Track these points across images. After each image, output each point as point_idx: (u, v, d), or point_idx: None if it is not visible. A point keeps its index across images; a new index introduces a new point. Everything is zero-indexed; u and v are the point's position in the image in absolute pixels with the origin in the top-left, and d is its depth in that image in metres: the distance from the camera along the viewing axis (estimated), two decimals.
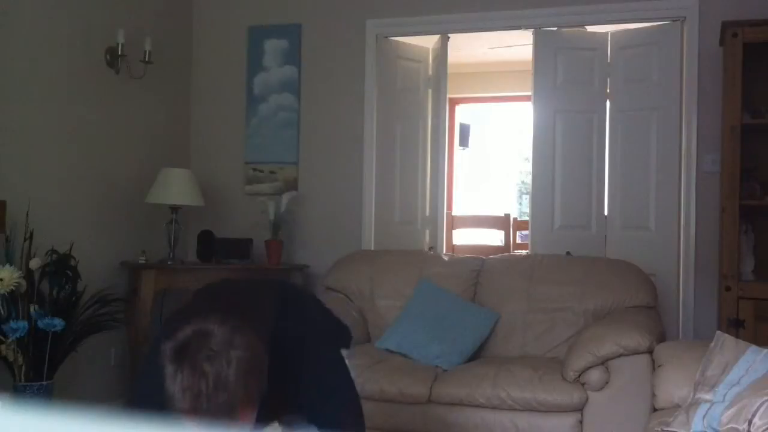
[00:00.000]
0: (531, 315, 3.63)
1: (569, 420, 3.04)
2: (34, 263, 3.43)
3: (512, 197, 9.49)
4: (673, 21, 4.34)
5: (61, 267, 3.54)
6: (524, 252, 5.28)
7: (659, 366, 2.68)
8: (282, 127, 4.93)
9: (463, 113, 7.89)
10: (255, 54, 4.98)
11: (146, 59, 4.34)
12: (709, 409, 2.23)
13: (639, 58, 4.47)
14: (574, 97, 4.61)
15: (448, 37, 4.82)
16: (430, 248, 4.83)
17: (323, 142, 4.87)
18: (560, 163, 4.61)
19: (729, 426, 2.06)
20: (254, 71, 4.98)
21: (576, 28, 4.70)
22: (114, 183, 4.33)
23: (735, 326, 3.55)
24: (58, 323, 3.34)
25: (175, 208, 4.38)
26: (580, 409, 3.04)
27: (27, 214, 3.49)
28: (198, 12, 5.10)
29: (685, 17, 4.27)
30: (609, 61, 4.58)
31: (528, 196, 5.32)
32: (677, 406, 2.47)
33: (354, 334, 2.44)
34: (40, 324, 3.31)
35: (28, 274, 3.40)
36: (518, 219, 6.83)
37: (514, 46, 5.91)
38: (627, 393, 3.01)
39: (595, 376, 3.03)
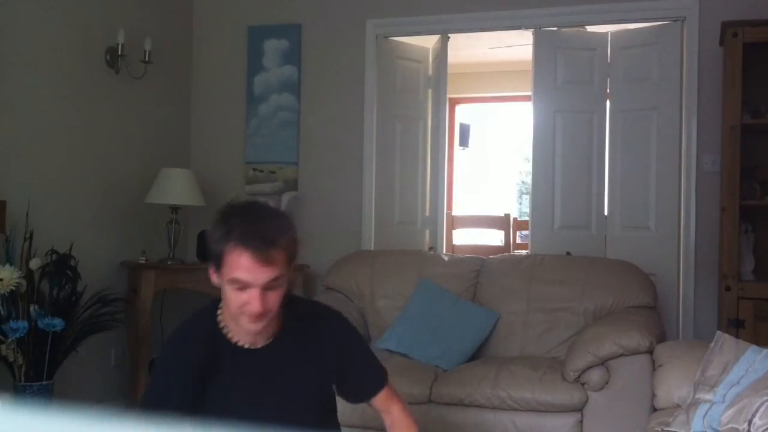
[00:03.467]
0: (531, 315, 3.63)
1: (569, 420, 3.04)
2: (34, 263, 3.44)
3: (512, 197, 9.49)
4: (673, 21, 4.34)
5: (61, 267, 3.55)
6: (524, 252, 5.28)
7: (659, 366, 2.68)
8: (282, 127, 4.93)
9: (463, 113, 7.88)
10: (255, 54, 4.98)
11: (146, 59, 4.34)
12: (709, 409, 2.23)
13: (639, 58, 4.46)
14: (574, 97, 4.61)
15: (448, 37, 4.82)
16: (430, 248, 4.83)
17: (323, 142, 4.87)
18: (560, 163, 4.60)
19: (729, 426, 2.06)
20: (254, 71, 4.98)
21: (576, 28, 4.70)
22: (114, 183, 4.33)
23: (735, 326, 3.55)
24: (58, 323, 3.34)
25: (175, 208, 4.38)
26: (580, 409, 3.04)
27: (27, 214, 3.49)
28: (198, 12, 5.10)
29: (685, 17, 4.27)
30: (609, 61, 4.58)
31: (528, 196, 5.32)
32: (677, 406, 2.46)
33: None
34: (40, 324, 3.31)
35: (28, 274, 3.40)
36: (518, 219, 6.83)
37: (514, 46, 5.91)
38: (627, 393, 3.01)
39: (595, 376, 3.03)
